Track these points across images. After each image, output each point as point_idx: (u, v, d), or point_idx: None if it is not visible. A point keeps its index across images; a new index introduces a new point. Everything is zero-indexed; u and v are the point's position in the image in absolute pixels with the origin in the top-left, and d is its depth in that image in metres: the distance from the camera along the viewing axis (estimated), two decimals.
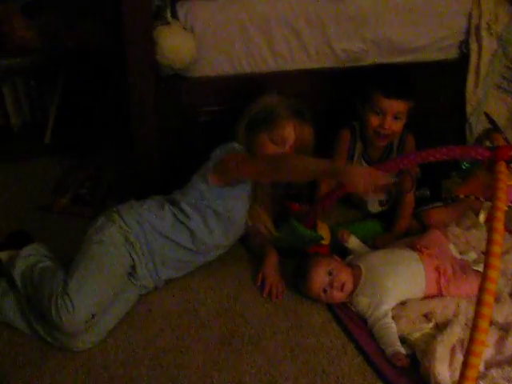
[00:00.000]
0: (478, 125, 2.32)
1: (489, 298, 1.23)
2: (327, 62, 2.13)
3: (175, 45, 1.82)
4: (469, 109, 2.32)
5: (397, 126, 1.98)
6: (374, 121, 1.98)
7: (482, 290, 1.25)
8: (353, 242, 1.96)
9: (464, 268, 1.81)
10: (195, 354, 1.62)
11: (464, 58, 2.28)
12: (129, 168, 2.17)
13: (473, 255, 1.93)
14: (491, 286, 1.23)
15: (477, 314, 1.24)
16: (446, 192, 2.09)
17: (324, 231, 2.00)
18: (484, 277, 1.25)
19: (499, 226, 1.30)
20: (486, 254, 1.27)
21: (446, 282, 1.74)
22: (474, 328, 1.24)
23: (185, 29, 1.88)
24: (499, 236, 1.28)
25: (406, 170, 1.89)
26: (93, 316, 1.56)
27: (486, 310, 1.23)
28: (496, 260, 1.25)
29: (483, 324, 1.23)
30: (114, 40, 2.04)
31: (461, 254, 1.94)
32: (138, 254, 1.73)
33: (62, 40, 2.52)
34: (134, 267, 1.73)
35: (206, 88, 2.01)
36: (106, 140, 2.61)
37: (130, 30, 1.79)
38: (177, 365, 1.58)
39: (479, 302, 1.24)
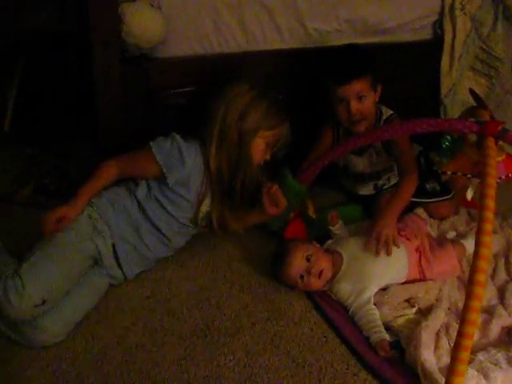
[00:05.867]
0: (452, 107, 2.29)
1: (481, 277, 1.19)
2: (300, 43, 2.05)
3: (142, 22, 1.73)
4: (443, 90, 2.29)
5: (365, 106, 1.90)
6: (342, 111, 1.92)
7: (473, 268, 1.20)
8: (339, 226, 1.90)
9: (441, 242, 1.80)
10: (170, 348, 1.53)
11: (438, 39, 2.25)
12: (95, 156, 2.06)
13: (451, 234, 1.93)
14: (483, 265, 1.19)
15: (469, 294, 1.20)
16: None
17: (310, 206, 1.97)
18: (476, 255, 1.21)
19: (490, 203, 1.25)
20: (478, 231, 1.23)
21: (426, 262, 1.72)
22: (465, 308, 1.20)
23: (152, 6, 1.78)
24: (490, 213, 1.24)
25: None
26: (43, 302, 1.48)
27: (478, 290, 1.19)
28: (488, 238, 1.21)
29: (475, 304, 1.19)
30: (76, 23, 1.93)
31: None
32: (107, 243, 1.66)
33: (20, 22, 2.39)
34: (100, 257, 1.67)
35: (175, 69, 1.92)
36: (70, 127, 2.48)
37: (95, 8, 1.69)
38: (151, 360, 1.49)
39: (471, 282, 1.20)
